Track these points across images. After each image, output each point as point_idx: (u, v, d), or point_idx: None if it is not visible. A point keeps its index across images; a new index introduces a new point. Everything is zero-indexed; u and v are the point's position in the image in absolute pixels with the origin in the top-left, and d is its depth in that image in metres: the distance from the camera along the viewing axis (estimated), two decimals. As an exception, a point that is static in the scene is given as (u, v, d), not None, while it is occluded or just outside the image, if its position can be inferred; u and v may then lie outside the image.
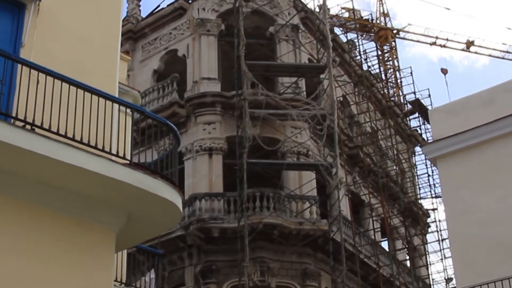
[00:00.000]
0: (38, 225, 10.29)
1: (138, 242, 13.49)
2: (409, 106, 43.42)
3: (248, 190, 28.21)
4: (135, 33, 36.20)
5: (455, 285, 18.46)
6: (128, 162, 10.97)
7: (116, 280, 14.59)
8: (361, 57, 38.85)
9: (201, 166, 30.73)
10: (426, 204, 43.52)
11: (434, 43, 62.28)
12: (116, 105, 11.33)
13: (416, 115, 42.92)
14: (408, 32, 60.62)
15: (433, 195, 40.53)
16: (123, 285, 15.80)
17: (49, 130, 10.05)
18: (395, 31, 58.69)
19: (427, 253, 38.69)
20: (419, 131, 43.30)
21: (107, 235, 11.07)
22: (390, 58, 45.53)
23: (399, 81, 43.75)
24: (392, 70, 46.33)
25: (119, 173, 10.43)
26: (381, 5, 60.93)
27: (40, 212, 10.34)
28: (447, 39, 62.48)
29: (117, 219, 11.15)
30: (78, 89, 10.58)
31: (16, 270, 9.85)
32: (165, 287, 28.20)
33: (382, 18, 59.68)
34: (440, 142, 18.70)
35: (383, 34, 56.36)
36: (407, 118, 43.00)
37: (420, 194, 41.78)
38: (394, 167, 36.98)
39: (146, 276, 17.57)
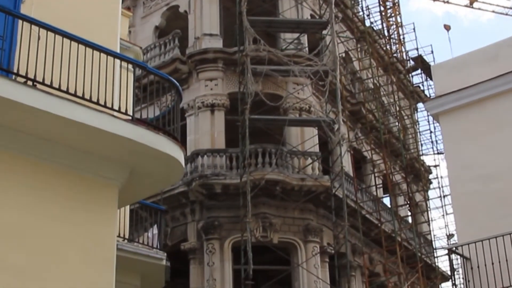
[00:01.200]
0: (40, 181, 10.32)
1: (141, 197, 13.57)
2: (412, 62, 43.26)
3: (250, 146, 28.22)
4: (136, -11, 36.03)
5: (456, 241, 18.53)
6: (130, 118, 10.96)
7: (119, 236, 14.69)
8: (363, 13, 38.63)
9: (203, 123, 30.72)
10: (428, 160, 43.77)
11: (437, -1, 61.76)
12: (117, 61, 11.30)
13: (419, 71, 42.79)
14: (411, -13, 59.98)
15: (435, 152, 40.60)
16: (126, 240, 15.91)
17: (50, 86, 10.03)
18: (398, -14, 58.13)
19: (428, 209, 38.84)
20: (422, 88, 43.23)
21: (110, 191, 11.10)
22: (392, 14, 45.23)
23: (401, 37, 43.51)
24: (394, 26, 46.04)
25: (121, 128, 10.43)
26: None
27: (43, 168, 10.36)
28: (450, -6, 61.90)
29: (119, 175, 11.17)
30: (80, 45, 10.55)
31: (19, 225, 9.90)
32: (168, 243, 28.34)
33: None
34: (442, 98, 18.65)
35: (386, -10, 55.88)
36: (410, 75, 42.88)
37: (422, 150, 41.82)
38: (396, 123, 36.93)
39: (149, 231, 17.68)
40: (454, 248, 17.05)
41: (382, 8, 42.32)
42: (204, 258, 28.41)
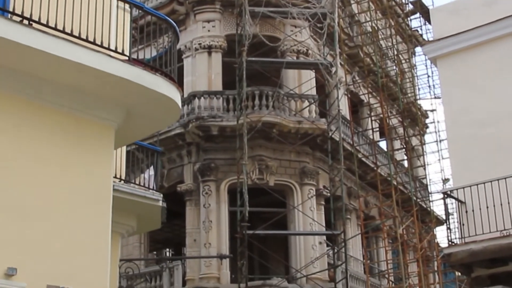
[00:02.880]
0: (36, 121, 10.30)
1: (137, 138, 13.57)
2: (411, 6, 42.91)
3: (247, 89, 28.14)
4: None
5: (452, 185, 18.58)
6: (127, 58, 10.90)
7: (115, 177, 14.71)
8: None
9: (200, 64, 30.59)
10: (425, 105, 43.53)
11: None
12: (114, 1, 11.20)
13: (417, 15, 42.45)
14: None
15: (432, 96, 40.51)
16: (122, 181, 15.93)
17: (47, 25, 9.95)
18: None
19: (424, 153, 38.92)
20: (420, 32, 42.94)
21: (106, 131, 11.09)
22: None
23: (400, -20, 43.17)
24: (394, -32, 45.54)
25: (118, 68, 10.38)
26: None
27: (39, 108, 10.33)
28: None
29: (116, 115, 11.15)
30: (76, -16, 10.44)
31: (14, 166, 9.90)
32: (164, 184, 28.44)
33: None
34: (440, 42, 18.54)
35: None
36: (408, 18, 42.55)
37: (419, 94, 41.69)
38: (394, 67, 36.77)
39: (145, 173, 17.70)
40: (449, 192, 17.11)
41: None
42: (200, 199, 28.53)
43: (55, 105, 10.47)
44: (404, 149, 37.43)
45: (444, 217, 21.71)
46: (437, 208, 40.32)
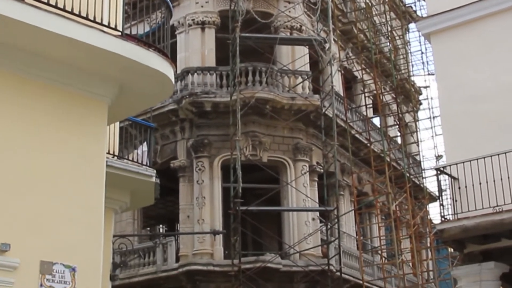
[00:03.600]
0: (29, 96, 10.25)
1: (131, 114, 13.56)
2: (405, -19, 42.79)
3: (241, 65, 28.07)
4: None
5: (445, 162, 18.61)
6: (120, 33, 10.85)
7: (108, 153, 14.70)
8: None
9: (194, 40, 30.50)
10: (419, 81, 43.54)
11: None
12: (107, -24, 11.13)
13: (411, -9, 42.34)
14: None
15: (426, 73, 40.48)
16: (115, 157, 15.92)
17: (39, 0, 9.88)
18: None
19: (418, 130, 38.94)
20: (414, 8, 42.83)
21: (99, 107, 11.05)
22: None
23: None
24: None
25: (111, 44, 10.33)
26: None
27: (31, 83, 10.28)
28: None
29: (109, 91, 11.11)
30: (68, -42, 10.36)
31: (6, 141, 9.87)
32: (158, 160, 28.42)
33: None
34: (434, 18, 18.50)
35: None
36: (402, -6, 42.46)
37: (413, 71, 41.68)
38: (388, 43, 36.71)
39: (138, 149, 17.67)
40: (442, 168, 17.13)
41: None
42: (193, 176, 28.54)
43: (47, 81, 10.42)
44: (397, 126, 37.45)
45: (437, 193, 21.79)
46: (430, 184, 40.46)
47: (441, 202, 17.50)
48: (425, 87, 41.32)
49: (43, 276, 9.75)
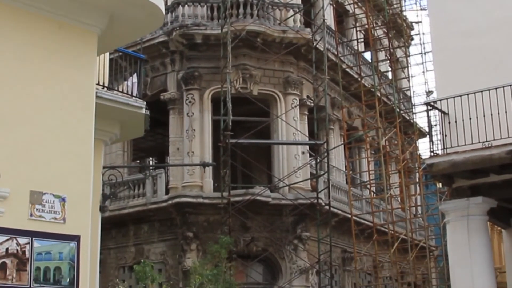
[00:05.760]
0: (17, 27, 10.13)
1: (120, 45, 13.44)
2: None
3: (232, -4, 27.90)
4: None
5: (435, 98, 18.60)
6: (109, -38, 10.70)
7: (98, 84, 14.62)
8: None
9: (184, -29, 30.16)
10: (411, 16, 43.39)
11: None
12: None
13: None
14: None
15: (419, 8, 40.27)
16: (105, 88, 15.84)
17: None
18: None
19: (409, 65, 38.85)
20: None
21: (89, 36, 10.93)
22: None
23: None
24: None
25: (100, -28, 10.21)
26: None
27: (19, 12, 10.14)
28: None
29: (98, 21, 10.98)
30: None
31: (-3, 70, 9.80)
32: (148, 92, 28.30)
33: None
34: (429, -49, 18.34)
35: None
36: None
37: (405, 6, 41.46)
38: (380, -23, 36.45)
39: (128, 80, 17.57)
40: (432, 103, 17.12)
41: None
42: (183, 108, 28.49)
43: (35, 9, 10.28)
44: (388, 61, 37.37)
45: (427, 129, 21.83)
46: (420, 120, 40.57)
47: (430, 138, 17.53)
48: (417, 22, 41.25)
49: (33, 206, 9.75)
